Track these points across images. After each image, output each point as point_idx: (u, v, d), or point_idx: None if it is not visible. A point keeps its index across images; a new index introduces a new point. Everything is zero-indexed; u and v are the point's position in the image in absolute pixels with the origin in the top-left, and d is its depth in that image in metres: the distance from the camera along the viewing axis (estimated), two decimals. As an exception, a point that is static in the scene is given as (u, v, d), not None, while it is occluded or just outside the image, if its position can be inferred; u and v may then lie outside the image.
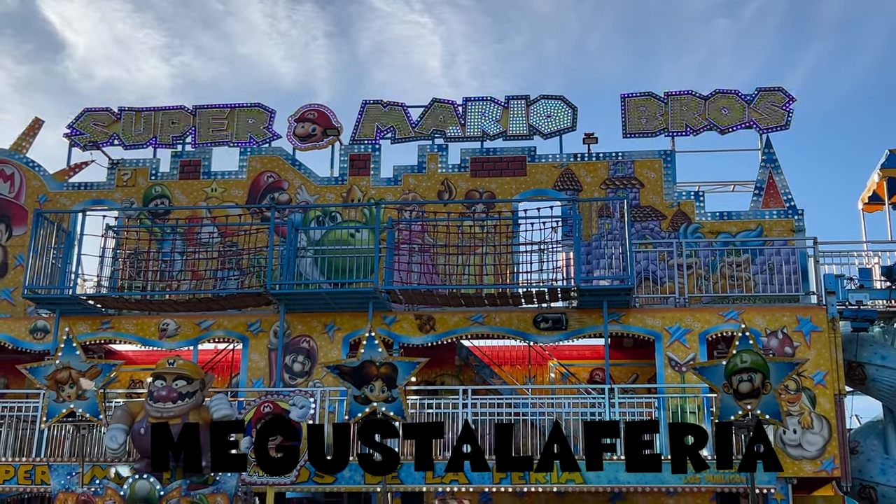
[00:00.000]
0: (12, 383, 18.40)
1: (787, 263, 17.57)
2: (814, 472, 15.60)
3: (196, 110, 20.21)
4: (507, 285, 17.20)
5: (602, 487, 15.24)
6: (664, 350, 16.55)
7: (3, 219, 19.82)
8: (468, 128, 19.36)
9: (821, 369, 15.98)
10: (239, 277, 18.31)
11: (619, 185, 18.67)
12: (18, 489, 16.33)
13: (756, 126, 18.87)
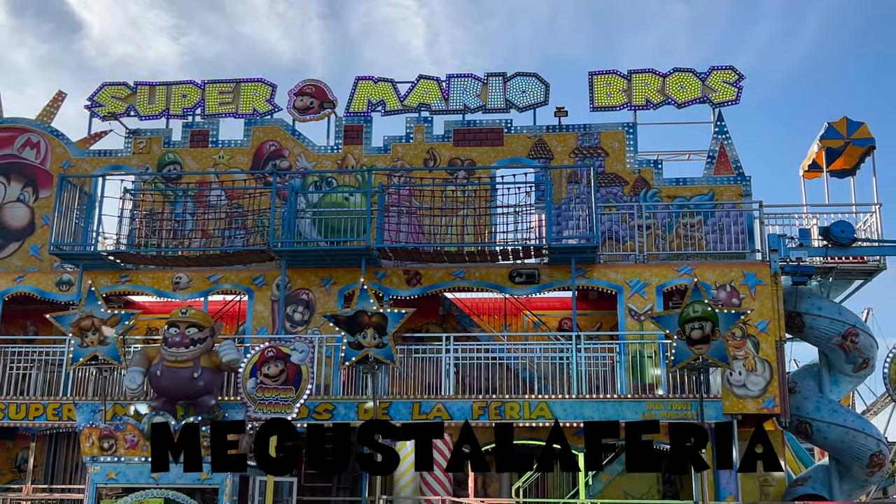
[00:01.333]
0: (41, 330, 18.40)
1: (735, 224, 17.67)
2: (756, 410, 15.79)
3: (204, 84, 20.06)
4: (485, 244, 17.24)
5: (569, 422, 15.42)
6: (625, 301, 16.67)
7: (31, 182, 19.70)
8: (451, 102, 19.29)
9: (764, 318, 16.12)
10: (244, 236, 18.28)
11: (587, 153, 18.67)
12: (47, 424, 16.40)
13: (709, 101, 18.88)
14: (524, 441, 16.37)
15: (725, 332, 13.89)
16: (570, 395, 15.46)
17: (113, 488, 13.98)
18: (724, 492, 15.38)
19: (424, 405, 15.50)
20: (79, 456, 16.30)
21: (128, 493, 13.86)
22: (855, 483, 17.01)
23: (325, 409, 15.57)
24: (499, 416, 15.25)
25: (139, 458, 13.85)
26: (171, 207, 19.05)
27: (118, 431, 14.03)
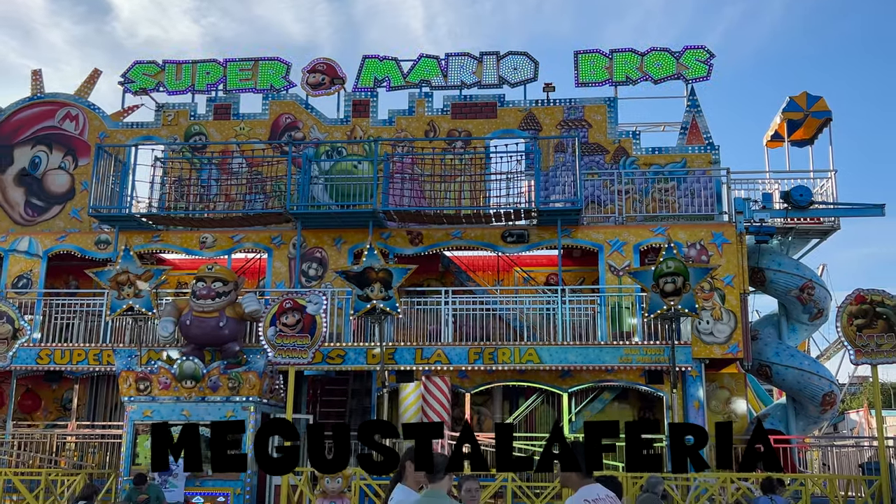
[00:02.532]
0: (81, 284, 18.43)
1: (704, 189, 17.67)
2: (722, 354, 15.93)
3: (226, 63, 19.92)
4: (480, 207, 17.28)
5: (554, 366, 15.58)
6: (605, 258, 16.73)
7: (70, 151, 19.65)
8: (449, 78, 19.17)
9: (730, 273, 16.20)
10: (263, 200, 18.29)
11: (572, 125, 18.62)
12: (89, 368, 16.53)
13: (683, 77, 18.77)
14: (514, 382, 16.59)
15: (695, 286, 14.00)
16: (556, 341, 15.59)
17: (148, 424, 14.16)
18: (692, 427, 15.53)
19: (426, 351, 15.63)
20: (117, 396, 16.45)
21: (162, 428, 14.06)
22: (809, 419, 17.22)
23: (337, 354, 15.71)
24: (492, 360, 15.40)
25: (171, 398, 14.04)
26: (198, 174, 19.03)
27: (152, 374, 14.19)
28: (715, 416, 17.22)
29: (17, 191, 19.50)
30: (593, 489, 4.69)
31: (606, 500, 4.67)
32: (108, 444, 17.06)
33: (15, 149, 19.73)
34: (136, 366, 14.58)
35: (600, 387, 16.87)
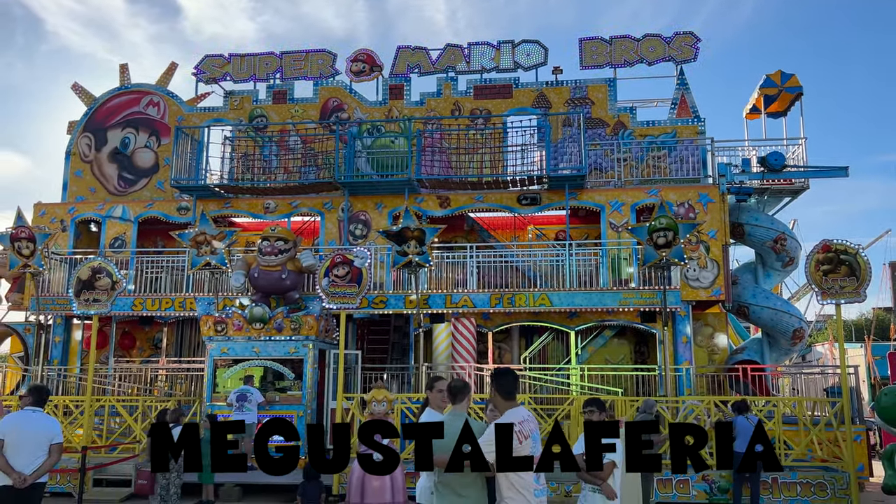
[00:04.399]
0: (167, 244, 18.70)
1: (692, 156, 17.43)
2: (706, 297, 15.85)
3: (282, 55, 19.84)
4: (499, 175, 17.19)
5: (563, 308, 15.61)
6: (607, 217, 16.63)
7: (154, 133, 19.79)
8: (471, 64, 18.96)
9: (713, 228, 16.05)
10: (316, 171, 18.32)
11: (577, 103, 18.38)
12: (175, 314, 16.84)
13: (673, 59, 18.41)
14: (529, 322, 16.66)
15: (683, 239, 13.88)
16: (564, 288, 15.60)
17: (225, 360, 14.43)
18: (681, 357, 15.57)
19: (454, 297, 15.71)
20: (199, 336, 16.75)
21: (236, 363, 14.31)
22: (781, 351, 17.14)
23: (380, 300, 15.85)
24: (510, 304, 15.45)
25: (244, 338, 14.27)
26: (260, 150, 19.10)
27: (228, 318, 14.41)
28: (700, 349, 17.20)
29: (111, 166, 19.72)
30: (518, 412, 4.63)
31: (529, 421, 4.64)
32: (192, 376, 17.45)
33: (108, 131, 19.90)
34: (214, 311, 14.80)
35: (602, 325, 16.91)
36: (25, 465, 6.67)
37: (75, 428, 13.30)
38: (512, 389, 4.67)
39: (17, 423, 6.94)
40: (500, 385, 4.64)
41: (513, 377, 4.71)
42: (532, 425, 4.59)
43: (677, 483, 11.77)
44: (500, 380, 4.65)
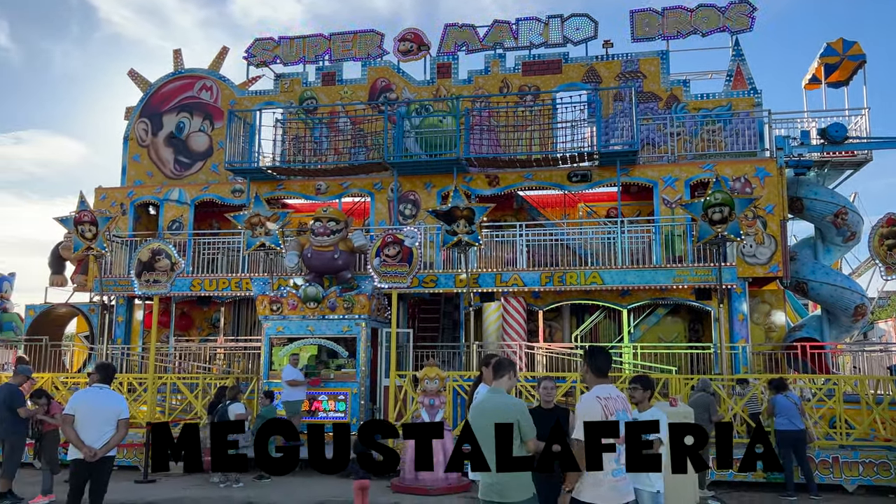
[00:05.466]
0: (223, 226, 19.06)
1: (748, 129, 16.98)
2: (764, 274, 15.50)
3: (331, 36, 19.93)
4: (548, 152, 17.01)
5: (615, 286, 15.45)
6: (660, 193, 16.34)
7: (208, 116, 20.13)
8: (519, 40, 18.75)
9: (771, 203, 15.63)
10: (365, 152, 18.44)
11: (628, 77, 18.02)
12: (232, 294, 17.21)
13: (728, 30, 17.88)
14: (580, 300, 16.54)
15: (740, 214, 13.58)
16: (616, 265, 15.43)
17: (280, 338, 14.72)
18: (737, 335, 15.28)
19: (504, 275, 15.70)
20: (255, 315, 17.12)
21: (291, 341, 14.59)
22: (841, 328, 16.66)
23: (430, 279, 15.92)
24: (561, 282, 15.36)
25: (298, 317, 14.52)
26: (311, 132, 19.27)
27: (282, 298, 14.67)
28: (756, 327, 16.84)
29: (167, 150, 20.17)
30: (606, 388, 4.66)
31: (616, 399, 4.66)
32: (249, 354, 17.87)
33: (163, 116, 20.33)
34: (269, 291, 15.07)
35: (655, 303, 16.68)
36: (95, 439, 6.96)
37: (139, 404, 13.77)
38: (605, 367, 4.71)
39: (86, 399, 7.24)
40: (593, 362, 4.69)
41: (606, 356, 4.75)
42: (619, 404, 4.60)
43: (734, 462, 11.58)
44: (593, 358, 4.70)
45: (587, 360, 4.73)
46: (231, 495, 10.34)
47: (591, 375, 4.72)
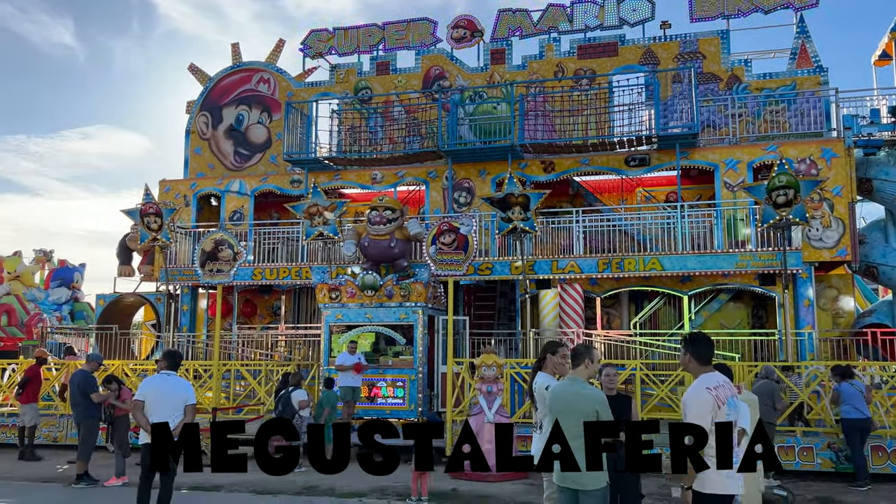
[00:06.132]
0: (282, 216, 19.38)
1: (814, 108, 16.38)
2: (831, 258, 14.97)
3: (384, 26, 19.99)
4: (605, 136, 16.72)
5: (675, 272, 15.13)
6: (721, 176, 15.92)
7: (266, 108, 20.45)
8: (574, 23, 18.45)
9: (838, 184, 15.06)
10: (420, 141, 18.47)
11: (687, 58, 17.56)
12: (292, 282, 17.47)
13: (792, 6, 17.21)
14: (639, 287, 16.25)
15: (805, 197, 13.12)
16: (676, 251, 15.11)
17: (339, 325, 14.92)
18: (802, 322, 14.80)
19: (561, 262, 15.54)
20: (314, 303, 17.37)
21: (349, 329, 14.77)
22: (915, 314, 15.98)
23: (486, 266, 15.87)
24: (619, 269, 15.14)
25: (356, 304, 14.68)
26: (366, 122, 19.41)
27: (341, 286, 14.85)
28: (823, 312, 16.28)
29: (227, 143, 20.59)
30: (713, 377, 4.51)
31: (725, 386, 4.54)
32: (310, 341, 18.18)
33: (223, 109, 20.75)
34: (328, 279, 15.27)
35: (717, 289, 16.28)
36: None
37: (205, 391, 14.14)
38: (709, 354, 4.58)
39: (155, 385, 7.47)
40: (696, 351, 4.55)
41: (708, 342, 4.62)
42: (728, 391, 4.46)
43: (800, 451, 11.27)
44: (696, 345, 4.56)
45: (689, 349, 4.57)
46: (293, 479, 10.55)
47: (694, 364, 4.56)
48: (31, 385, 12.83)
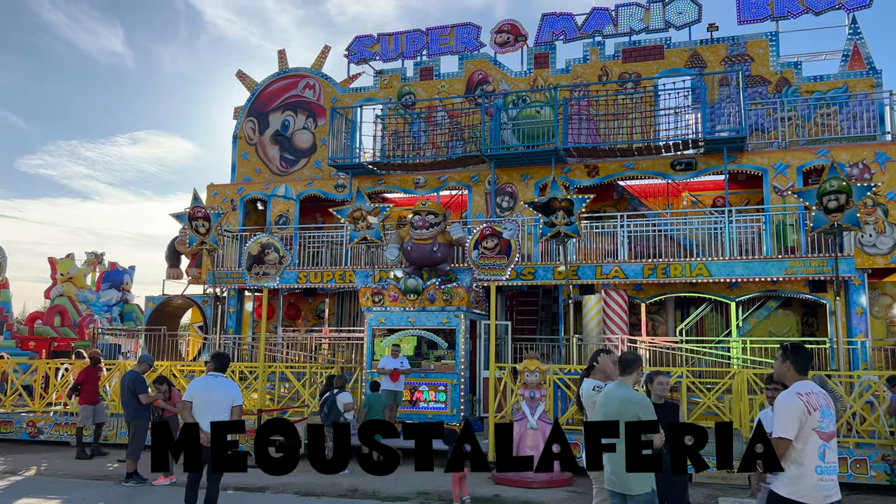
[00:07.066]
0: (326, 220, 19.54)
1: (867, 111, 15.90)
2: (885, 264, 14.52)
3: (428, 31, 20.05)
4: (650, 140, 16.50)
5: (723, 279, 14.82)
6: (770, 181, 15.56)
7: (311, 114, 20.68)
8: (619, 27, 18.26)
9: (893, 189, 14.59)
10: (463, 145, 18.46)
11: (735, 60, 17.22)
12: (335, 286, 17.60)
13: (844, 7, 16.76)
14: (686, 293, 15.96)
15: (858, 202, 12.73)
16: (724, 256, 14.81)
17: (381, 329, 14.95)
18: (855, 330, 14.37)
19: (605, 267, 15.36)
20: (357, 307, 17.48)
21: (392, 332, 14.79)
22: (975, 324, 15.38)
23: (528, 271, 15.78)
24: (664, 275, 14.90)
25: (399, 308, 14.68)
26: (409, 127, 19.49)
27: (384, 289, 14.86)
28: (876, 321, 15.77)
29: (273, 148, 20.87)
30: (807, 384, 4.52)
31: (819, 395, 4.47)
32: (353, 344, 18.28)
33: (269, 115, 21.05)
34: (371, 283, 15.31)
35: (766, 296, 15.91)
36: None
37: (250, 392, 14.32)
38: (806, 364, 4.67)
39: (203, 386, 7.58)
40: (795, 360, 4.63)
41: (807, 353, 4.71)
42: (822, 399, 4.47)
43: (853, 463, 10.91)
44: (795, 355, 4.64)
45: (788, 358, 4.63)
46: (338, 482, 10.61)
47: (792, 372, 4.62)
48: (86, 387, 13.03)
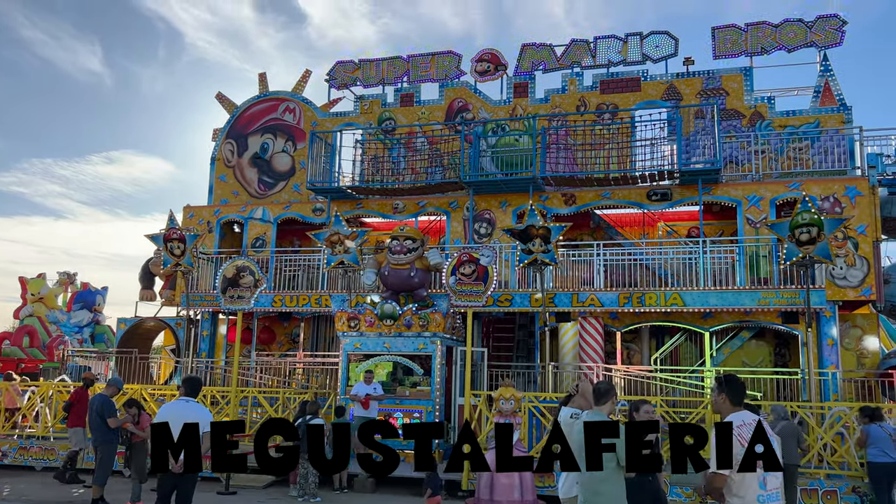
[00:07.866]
0: (303, 244, 19.44)
1: (838, 147, 16.25)
2: (855, 297, 14.74)
3: (409, 58, 20.21)
4: (627, 170, 16.70)
5: (697, 308, 14.95)
6: (744, 212, 15.80)
7: (290, 137, 20.67)
8: (597, 58, 18.55)
9: (863, 223, 14.87)
10: (442, 171, 18.54)
11: (710, 94, 17.56)
12: (311, 310, 17.47)
13: (815, 45, 17.20)
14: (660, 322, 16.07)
15: (829, 235, 12.95)
16: (698, 286, 14.95)
17: (357, 354, 14.86)
18: (826, 361, 14.53)
19: (581, 295, 15.43)
20: (333, 331, 17.33)
21: (367, 358, 14.70)
22: (942, 356, 15.62)
23: (505, 298, 15.80)
24: (640, 303, 14.99)
25: (375, 333, 14.62)
26: (389, 152, 19.54)
27: (360, 314, 14.81)
28: (847, 352, 15.97)
29: (252, 170, 20.80)
30: (740, 415, 4.55)
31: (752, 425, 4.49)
32: (328, 370, 18.10)
33: (249, 137, 21.01)
34: (348, 307, 15.25)
35: (739, 326, 16.07)
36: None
37: (221, 417, 14.11)
38: (741, 396, 4.74)
39: (173, 411, 7.44)
40: (731, 391, 4.70)
41: (741, 385, 4.78)
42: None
43: (823, 494, 10.99)
44: (731, 386, 4.71)
45: (723, 390, 4.69)
46: (308, 509, 10.44)
47: (728, 404, 4.68)
48: (75, 408, 12.72)
